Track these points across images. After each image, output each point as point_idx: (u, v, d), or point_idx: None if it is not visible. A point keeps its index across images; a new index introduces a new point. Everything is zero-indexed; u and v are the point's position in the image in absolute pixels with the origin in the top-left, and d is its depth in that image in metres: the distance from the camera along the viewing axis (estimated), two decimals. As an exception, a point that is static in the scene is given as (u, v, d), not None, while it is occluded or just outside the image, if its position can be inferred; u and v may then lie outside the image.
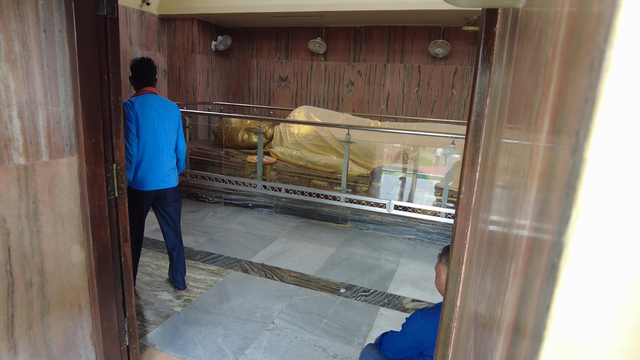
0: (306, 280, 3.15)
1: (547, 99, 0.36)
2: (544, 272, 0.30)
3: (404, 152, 4.61)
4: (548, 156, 0.33)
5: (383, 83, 6.76)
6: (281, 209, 4.61)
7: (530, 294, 0.32)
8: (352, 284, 3.13)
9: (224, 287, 2.98)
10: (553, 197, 0.30)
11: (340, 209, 4.35)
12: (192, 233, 3.94)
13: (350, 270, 3.36)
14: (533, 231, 0.34)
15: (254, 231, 4.13)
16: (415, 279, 3.28)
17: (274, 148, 5.31)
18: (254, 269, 3.28)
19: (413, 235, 4.09)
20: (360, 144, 4.80)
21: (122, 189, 1.63)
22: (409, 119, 6.37)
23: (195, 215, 4.47)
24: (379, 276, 3.29)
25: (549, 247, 0.30)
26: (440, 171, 4.47)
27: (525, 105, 0.44)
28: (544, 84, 0.38)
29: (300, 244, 3.86)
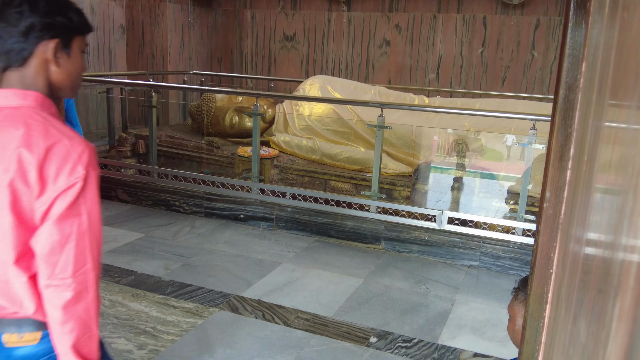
0: (321, 325, 3.14)
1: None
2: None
3: (462, 141, 4.58)
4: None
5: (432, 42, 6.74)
6: (286, 223, 4.64)
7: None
8: (387, 330, 3.12)
9: (204, 332, 2.99)
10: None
11: (371, 222, 4.35)
12: (160, 256, 3.99)
13: (384, 311, 3.34)
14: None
15: (247, 254, 4.15)
16: (478, 323, 3.25)
17: (276, 136, 5.34)
18: (248, 308, 3.29)
19: (475, 261, 4.07)
20: (398, 130, 4.78)
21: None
22: (469, 93, 6.32)
23: (164, 230, 4.52)
24: (425, 320, 3.27)
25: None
26: (515, 169, 4.42)
27: (637, 73, 0.43)
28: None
29: (312, 273, 3.86)
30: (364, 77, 7.16)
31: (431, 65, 6.79)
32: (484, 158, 4.66)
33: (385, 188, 4.53)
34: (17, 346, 1.26)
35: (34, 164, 1.17)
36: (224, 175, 5.08)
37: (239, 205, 4.79)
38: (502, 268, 4.01)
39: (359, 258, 4.17)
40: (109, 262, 3.80)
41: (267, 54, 7.71)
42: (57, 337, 1.22)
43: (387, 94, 5.56)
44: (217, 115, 5.49)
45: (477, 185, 4.55)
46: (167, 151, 5.42)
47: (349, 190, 4.72)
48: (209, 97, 5.61)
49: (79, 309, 1.22)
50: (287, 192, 4.64)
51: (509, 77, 6.46)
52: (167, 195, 4.97)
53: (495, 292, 3.68)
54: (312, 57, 7.45)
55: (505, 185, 4.36)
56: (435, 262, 4.14)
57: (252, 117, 4.80)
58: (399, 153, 4.86)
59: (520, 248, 3.96)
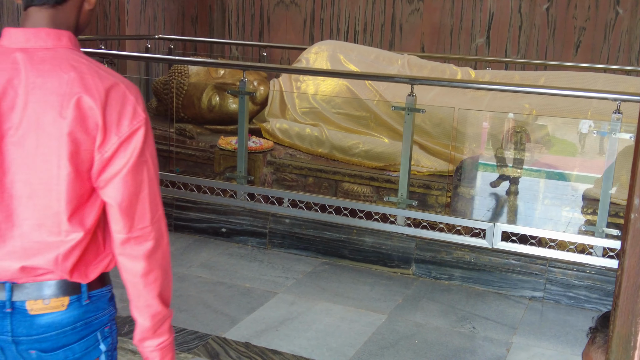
0: (331, 376, 3.14)
1: None
2: None
3: (521, 129, 4.57)
4: None
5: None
6: (283, 239, 4.63)
7: None
8: (420, 384, 3.12)
9: (174, 386, 2.99)
10: None
11: (397, 238, 4.34)
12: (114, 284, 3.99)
13: (415, 359, 3.34)
14: None
15: (231, 281, 4.14)
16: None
17: (270, 122, 5.35)
18: (232, 354, 3.27)
19: (539, 291, 4.05)
20: (435, 114, 4.77)
21: None
22: (531, 64, 6.30)
23: (120, 249, 4.53)
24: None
25: None
26: (593, 166, 4.40)
27: None
28: None
29: (318, 307, 3.84)
30: (388, 43, 7.15)
31: (479, 26, 6.77)
32: (550, 152, 4.64)
33: (416, 192, 4.51)
34: (42, 313, 1.45)
35: (97, 110, 1.38)
36: (200, 175, 5.08)
37: (220, 216, 4.79)
38: (575, 301, 3.98)
39: (382, 287, 4.14)
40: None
41: (258, 12, 7.72)
42: (141, 289, 1.51)
43: (419, 65, 5.56)
44: (191, 95, 5.50)
45: (542, 189, 4.54)
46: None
47: (368, 195, 4.71)
48: (179, 70, 5.63)
49: (159, 257, 1.51)
50: (284, 198, 4.63)
51: (585, 43, 6.43)
52: (123, 201, 4.99)
53: (566, 333, 3.64)
54: (319, 17, 7.45)
55: (580, 188, 4.34)
56: (485, 292, 4.11)
57: (238, 96, 4.80)
58: (436, 145, 4.85)
59: (599, 274, 3.93)
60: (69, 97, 1.37)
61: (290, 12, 7.57)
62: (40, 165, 1.40)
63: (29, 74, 1.39)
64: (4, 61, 1.41)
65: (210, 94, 5.44)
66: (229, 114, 5.43)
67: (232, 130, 5.28)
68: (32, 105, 1.38)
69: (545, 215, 4.50)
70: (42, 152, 1.39)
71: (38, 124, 1.38)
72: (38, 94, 1.38)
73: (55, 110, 1.37)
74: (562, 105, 4.56)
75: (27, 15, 1.44)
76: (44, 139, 1.39)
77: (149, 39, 7.01)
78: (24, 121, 1.39)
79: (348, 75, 5.21)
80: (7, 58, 1.41)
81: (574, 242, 4.00)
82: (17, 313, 1.45)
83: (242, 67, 5.05)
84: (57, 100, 1.37)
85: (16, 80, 1.39)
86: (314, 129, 5.16)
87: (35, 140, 1.39)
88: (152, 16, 7.47)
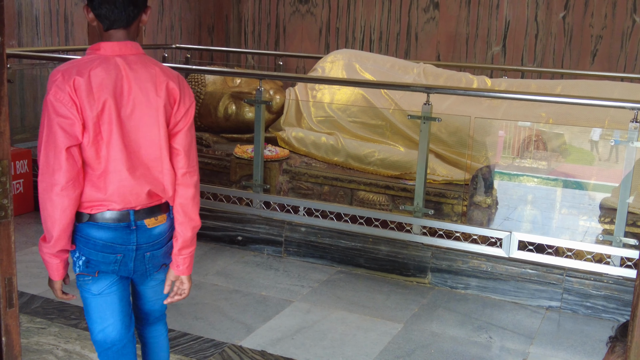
0: (346, 385, 3.13)
1: None
2: None
3: (538, 137, 4.55)
4: None
5: (497, 4, 6.73)
6: (298, 248, 4.64)
7: None
8: (436, 393, 3.10)
9: (190, 394, 2.99)
10: None
11: (413, 247, 4.33)
12: (131, 291, 4.02)
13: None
14: None
15: (246, 289, 4.15)
16: (560, 386, 3.22)
17: (286, 131, 5.36)
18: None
19: (556, 300, 4.03)
20: (451, 123, 4.77)
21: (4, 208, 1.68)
22: (547, 73, 6.28)
23: (137, 257, 4.55)
24: (488, 380, 3.25)
25: None
26: (611, 175, 4.37)
27: None
28: None
29: (334, 316, 3.85)
30: (403, 52, 7.15)
31: (495, 35, 6.76)
32: (567, 160, 4.62)
33: (432, 201, 4.50)
34: (155, 226, 2.24)
35: (177, 90, 2.20)
36: (216, 183, 5.10)
37: (236, 224, 4.80)
38: (593, 310, 3.96)
39: (397, 296, 4.14)
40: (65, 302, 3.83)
41: (274, 21, 7.76)
42: (189, 209, 2.26)
43: (435, 74, 5.55)
44: (208, 104, 5.53)
45: (559, 198, 4.52)
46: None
47: (384, 203, 4.71)
48: (196, 79, 5.66)
49: (198, 186, 2.29)
50: (300, 206, 4.64)
51: (602, 51, 6.41)
52: (140, 209, 5.01)
53: (583, 344, 3.63)
54: (334, 26, 7.47)
55: (597, 197, 4.31)
56: (502, 302, 4.10)
57: (254, 105, 4.82)
58: (452, 154, 4.84)
59: (617, 283, 3.91)
60: (162, 83, 2.16)
61: (306, 21, 7.60)
62: (147, 128, 2.15)
63: (128, 71, 2.12)
64: (110, 64, 2.11)
65: (227, 103, 5.46)
66: (245, 123, 5.45)
67: (248, 139, 5.30)
68: (134, 90, 2.11)
69: (562, 224, 4.47)
70: (148, 120, 2.14)
71: (142, 101, 2.13)
72: (138, 83, 2.12)
73: (152, 92, 2.14)
74: (579, 114, 4.54)
75: (110, 34, 2.15)
76: (148, 110, 2.14)
77: (166, 49, 7.06)
78: (131, 100, 2.11)
79: (364, 84, 5.21)
80: (111, 62, 2.12)
81: (591, 251, 3.98)
82: (139, 229, 2.20)
83: (259, 76, 5.07)
84: (152, 86, 2.14)
85: (122, 75, 2.11)
86: (329, 138, 5.16)
87: (140, 112, 2.13)
88: (169, 26, 7.53)
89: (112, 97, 2.07)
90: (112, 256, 2.19)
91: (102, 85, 2.07)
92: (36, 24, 6.92)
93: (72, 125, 2.04)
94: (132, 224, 2.19)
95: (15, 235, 1.74)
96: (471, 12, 6.81)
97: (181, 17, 7.66)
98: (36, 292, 3.87)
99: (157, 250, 2.28)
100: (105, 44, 2.14)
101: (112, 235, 2.18)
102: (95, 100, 2.05)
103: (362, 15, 7.30)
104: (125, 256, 2.20)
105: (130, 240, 2.20)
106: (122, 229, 2.18)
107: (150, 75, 2.15)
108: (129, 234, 2.19)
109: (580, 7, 6.43)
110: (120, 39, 2.15)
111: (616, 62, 6.36)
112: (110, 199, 2.15)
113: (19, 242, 4.55)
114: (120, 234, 2.18)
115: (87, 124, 2.06)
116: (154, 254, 2.27)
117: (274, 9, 7.72)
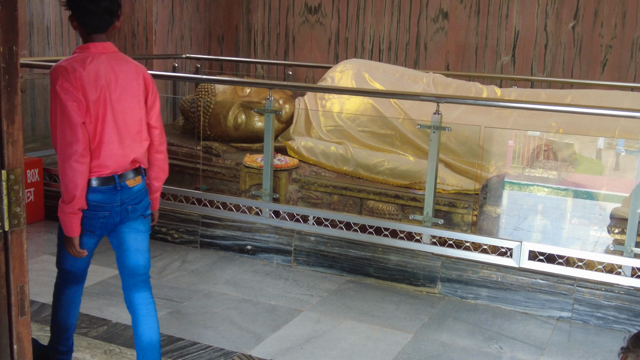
0: (356, 395, 3.12)
1: None
2: None
3: (548, 147, 4.54)
4: None
5: (506, 14, 6.73)
6: (308, 257, 4.64)
7: None
8: (446, 404, 3.09)
9: (199, 403, 2.99)
10: None
11: (423, 257, 4.33)
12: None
13: (441, 378, 3.31)
14: None
15: (256, 298, 4.15)
16: (571, 397, 3.20)
17: (295, 140, 5.36)
18: (257, 371, 3.28)
19: (567, 311, 4.01)
20: (461, 132, 4.76)
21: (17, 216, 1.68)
22: (557, 83, 6.27)
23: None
24: (498, 391, 3.24)
25: None
26: (622, 185, 4.36)
27: None
28: None
29: (344, 325, 3.84)
30: (412, 62, 7.16)
31: (504, 44, 6.76)
32: (577, 170, 4.61)
33: (442, 211, 4.50)
34: (134, 185, 2.77)
35: (149, 80, 2.82)
36: (226, 192, 5.11)
37: (246, 233, 4.81)
38: (604, 321, 3.94)
39: (407, 305, 4.13)
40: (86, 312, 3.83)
41: (284, 31, 7.78)
42: (165, 165, 2.94)
43: (444, 83, 5.56)
44: (217, 113, 5.54)
45: (569, 208, 4.50)
46: (151, 160, 5.48)
47: (394, 213, 4.70)
48: (206, 88, 5.67)
49: (166, 150, 2.97)
50: (309, 216, 4.64)
51: (611, 61, 6.39)
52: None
53: (594, 354, 3.61)
54: (344, 35, 7.49)
55: (608, 207, 4.29)
56: (512, 312, 4.09)
57: (264, 115, 4.83)
58: (462, 163, 4.83)
59: (628, 294, 3.89)
60: (139, 74, 2.78)
61: (315, 31, 7.62)
62: (131, 109, 2.73)
63: (114, 65, 2.69)
64: (99, 59, 2.65)
65: (237, 113, 5.47)
66: (255, 132, 5.46)
67: (257, 148, 5.31)
68: (121, 79, 2.69)
69: (572, 234, 4.46)
70: (131, 102, 2.73)
71: (127, 88, 2.71)
72: (123, 74, 2.70)
73: (135, 81, 2.75)
74: (589, 123, 4.53)
75: (94, 37, 2.69)
76: (131, 95, 2.73)
77: (177, 58, 7.08)
78: (119, 87, 2.68)
79: (373, 93, 5.22)
80: (99, 58, 2.66)
81: (602, 261, 3.97)
82: (122, 189, 2.73)
83: (269, 85, 5.08)
84: (134, 76, 2.75)
85: (110, 68, 2.66)
86: (339, 147, 5.16)
87: (126, 97, 2.71)
88: (179, 36, 7.55)
89: (107, 85, 2.64)
90: (101, 213, 2.72)
91: (98, 76, 2.62)
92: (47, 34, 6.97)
93: (80, 107, 2.56)
94: (117, 185, 2.72)
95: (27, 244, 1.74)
96: (480, 22, 6.81)
97: (191, 28, 7.69)
98: (46, 300, 3.87)
99: (137, 204, 2.82)
100: (93, 45, 2.70)
101: (101, 197, 2.70)
102: (95, 87, 2.60)
103: (372, 25, 7.32)
104: (111, 212, 2.74)
105: (116, 199, 2.73)
106: (109, 191, 2.71)
107: (129, 68, 2.75)
108: (115, 194, 2.72)
109: (589, 17, 6.42)
110: (102, 41, 2.72)
111: (626, 72, 6.34)
112: (102, 165, 2.67)
113: (30, 251, 4.56)
114: (108, 195, 2.72)
115: (89, 106, 2.59)
116: (135, 207, 2.81)
117: (284, 19, 7.75)
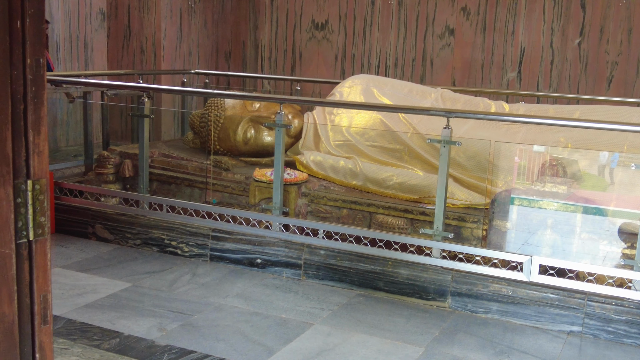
0: (369, 409, 3.11)
1: None
2: None
3: (556, 162, 4.54)
4: None
5: (512, 31, 6.76)
6: (318, 270, 4.63)
7: None
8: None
9: (212, 416, 2.98)
10: None
11: (433, 271, 4.32)
12: (152, 312, 4.02)
13: (453, 392, 3.30)
14: None
15: (266, 311, 4.14)
16: (584, 411, 3.19)
17: (304, 155, 5.38)
18: (269, 384, 3.28)
19: (578, 325, 4.00)
20: (470, 147, 4.78)
21: (41, 226, 1.69)
22: (563, 98, 6.29)
23: (158, 279, 4.56)
24: (511, 404, 3.22)
25: None
26: (631, 200, 4.36)
27: None
28: None
29: (354, 339, 3.83)
30: (419, 78, 7.19)
31: (510, 61, 6.79)
32: (586, 186, 4.60)
33: (452, 225, 4.50)
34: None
35: None
36: (236, 206, 5.12)
37: (256, 247, 4.81)
38: (615, 335, 3.92)
39: (418, 319, 4.12)
40: (85, 320, 3.84)
41: (291, 47, 7.83)
42: None
43: (453, 99, 5.58)
44: (227, 128, 5.56)
45: (579, 223, 4.49)
46: (161, 174, 5.49)
47: (403, 227, 4.70)
48: (215, 103, 5.70)
49: None
50: (319, 229, 4.64)
51: (617, 77, 6.42)
52: (160, 232, 5.03)
53: (607, 369, 3.60)
54: (350, 52, 7.53)
55: (617, 222, 4.29)
56: (522, 326, 4.08)
57: (274, 129, 4.85)
58: (471, 178, 4.84)
59: (639, 308, 3.87)
60: None
61: (322, 47, 7.67)
62: None
63: None
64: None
65: (246, 127, 5.49)
66: (264, 147, 5.48)
67: (266, 163, 5.32)
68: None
69: (582, 249, 4.45)
70: None
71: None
72: None
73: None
74: (597, 139, 4.54)
75: None
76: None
77: (185, 74, 7.13)
78: None
79: (383, 108, 5.24)
80: None
81: (613, 275, 3.96)
82: None
83: (279, 100, 5.11)
84: None
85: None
86: (347, 162, 5.18)
87: None
88: (187, 52, 7.60)
89: None
90: None
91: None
92: (57, 49, 7.02)
93: None
94: None
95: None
96: (486, 39, 6.85)
97: (199, 44, 7.74)
98: (59, 312, 3.87)
99: None
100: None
101: None
102: None
103: (378, 41, 7.36)
104: None
105: None
106: None
107: None
108: None
109: (595, 34, 6.45)
110: None
111: (632, 89, 6.37)
112: None
113: (41, 264, 4.56)
114: None
115: None
116: None
117: (291, 35, 7.80)
